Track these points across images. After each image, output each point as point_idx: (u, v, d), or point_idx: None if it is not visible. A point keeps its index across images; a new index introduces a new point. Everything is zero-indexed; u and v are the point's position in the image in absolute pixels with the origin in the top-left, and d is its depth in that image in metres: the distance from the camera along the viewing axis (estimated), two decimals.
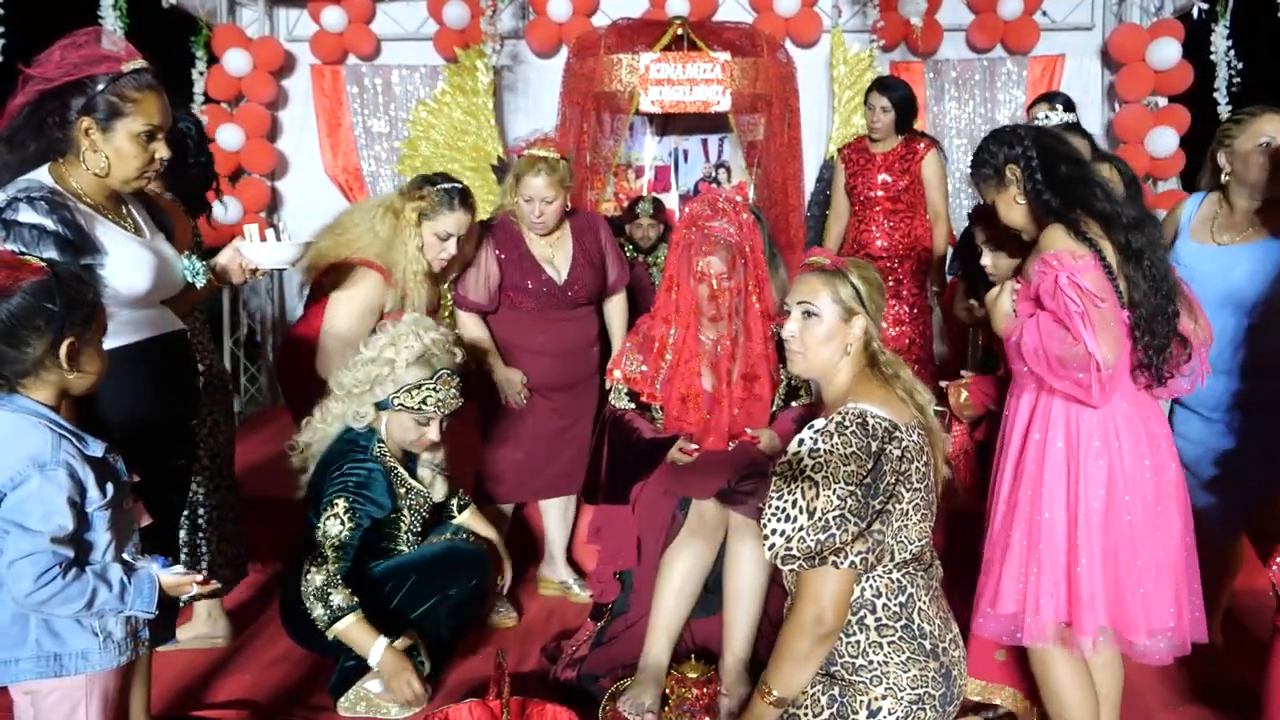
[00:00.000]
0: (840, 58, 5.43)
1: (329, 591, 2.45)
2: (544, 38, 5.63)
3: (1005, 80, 5.67)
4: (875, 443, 1.84)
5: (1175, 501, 2.11)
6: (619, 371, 2.82)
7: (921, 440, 1.92)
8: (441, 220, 2.96)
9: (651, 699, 2.52)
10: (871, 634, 1.88)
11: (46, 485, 1.66)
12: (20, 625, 1.73)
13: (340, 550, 2.49)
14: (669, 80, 4.94)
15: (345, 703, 2.67)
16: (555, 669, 2.84)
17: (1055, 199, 2.11)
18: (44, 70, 2.00)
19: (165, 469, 2.21)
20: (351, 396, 2.62)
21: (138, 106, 2.05)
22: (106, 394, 1.93)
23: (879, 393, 1.93)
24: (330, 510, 2.49)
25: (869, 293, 2.01)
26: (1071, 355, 2.00)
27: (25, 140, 2.05)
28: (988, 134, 2.32)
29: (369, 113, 5.88)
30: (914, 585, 1.90)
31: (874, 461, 1.82)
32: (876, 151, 4.31)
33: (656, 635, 2.60)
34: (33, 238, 1.89)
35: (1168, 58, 5.15)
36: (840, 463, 1.81)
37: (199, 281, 2.26)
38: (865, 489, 1.81)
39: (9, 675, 1.75)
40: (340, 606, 2.45)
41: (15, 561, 1.65)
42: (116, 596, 1.74)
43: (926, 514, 1.93)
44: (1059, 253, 2.04)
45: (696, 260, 2.63)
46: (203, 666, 2.93)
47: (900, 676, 1.86)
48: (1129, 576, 2.05)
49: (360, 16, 5.74)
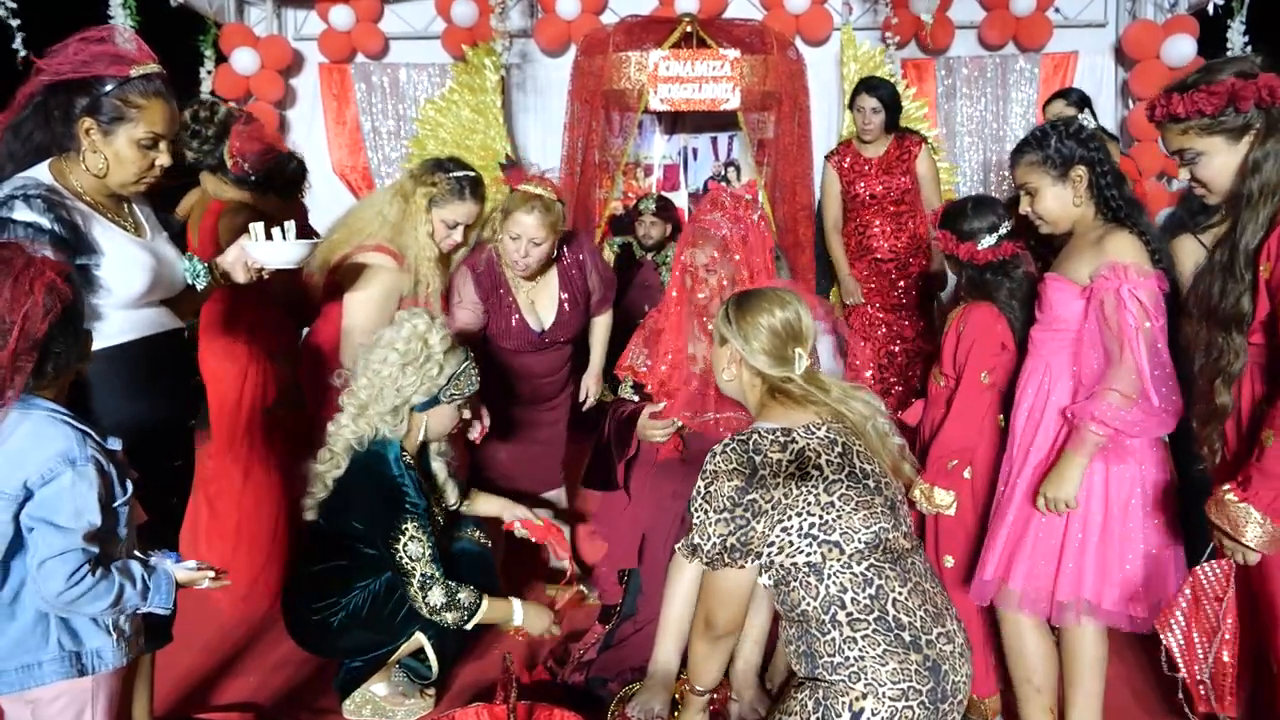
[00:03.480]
0: (850, 55, 5.39)
1: (452, 599, 2.45)
2: (553, 36, 5.60)
3: (1017, 78, 5.62)
4: (755, 455, 1.92)
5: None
6: (626, 365, 2.80)
7: (832, 433, 1.96)
8: (451, 209, 2.91)
9: (661, 703, 2.49)
10: (845, 629, 1.85)
11: (79, 481, 1.64)
12: (42, 627, 1.71)
13: (433, 560, 2.46)
14: (678, 78, 4.91)
15: (351, 705, 2.65)
16: (563, 672, 2.82)
17: (1123, 211, 2.21)
18: (56, 63, 1.99)
19: (164, 468, 2.20)
20: (392, 410, 2.50)
21: (141, 113, 2.03)
22: (104, 393, 1.91)
23: (779, 411, 2.02)
24: (405, 536, 2.43)
25: (739, 321, 2.05)
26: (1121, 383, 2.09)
27: (31, 132, 2.04)
28: (1055, 123, 2.35)
29: (377, 111, 5.87)
30: (883, 577, 1.88)
31: (749, 470, 1.91)
32: (871, 155, 4.31)
33: (666, 639, 2.56)
34: (28, 236, 1.87)
35: (1182, 54, 5.09)
36: (725, 478, 1.92)
37: (199, 283, 2.24)
38: (740, 492, 1.90)
39: (33, 679, 1.72)
40: (472, 603, 2.46)
41: (46, 561, 1.62)
42: (139, 594, 1.73)
43: (868, 501, 1.92)
44: (1129, 265, 2.12)
45: (683, 252, 2.62)
46: (206, 669, 2.91)
47: (879, 671, 1.82)
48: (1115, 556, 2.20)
49: (368, 15, 5.72)
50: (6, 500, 1.62)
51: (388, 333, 2.54)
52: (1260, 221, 1.86)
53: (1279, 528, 1.80)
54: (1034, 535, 2.25)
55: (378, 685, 2.65)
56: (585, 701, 2.63)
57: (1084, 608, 2.23)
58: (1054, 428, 2.28)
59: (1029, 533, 2.27)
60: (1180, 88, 1.93)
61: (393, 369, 2.48)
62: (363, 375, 2.51)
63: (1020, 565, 2.27)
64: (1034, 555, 2.26)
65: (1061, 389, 2.27)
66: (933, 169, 4.32)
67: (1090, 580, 2.22)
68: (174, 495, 2.33)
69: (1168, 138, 2.00)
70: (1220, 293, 1.92)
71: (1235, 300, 1.89)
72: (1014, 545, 2.30)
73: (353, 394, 2.52)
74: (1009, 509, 2.32)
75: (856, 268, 4.42)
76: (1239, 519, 1.83)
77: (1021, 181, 2.33)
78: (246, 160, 3.12)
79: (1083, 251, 2.23)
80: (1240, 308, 1.89)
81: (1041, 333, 2.33)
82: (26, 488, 1.62)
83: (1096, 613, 2.23)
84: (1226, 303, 1.91)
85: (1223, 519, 1.86)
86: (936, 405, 2.63)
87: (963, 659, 1.91)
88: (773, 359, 2.00)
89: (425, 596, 2.44)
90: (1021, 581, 2.28)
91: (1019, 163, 2.32)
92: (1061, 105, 4.11)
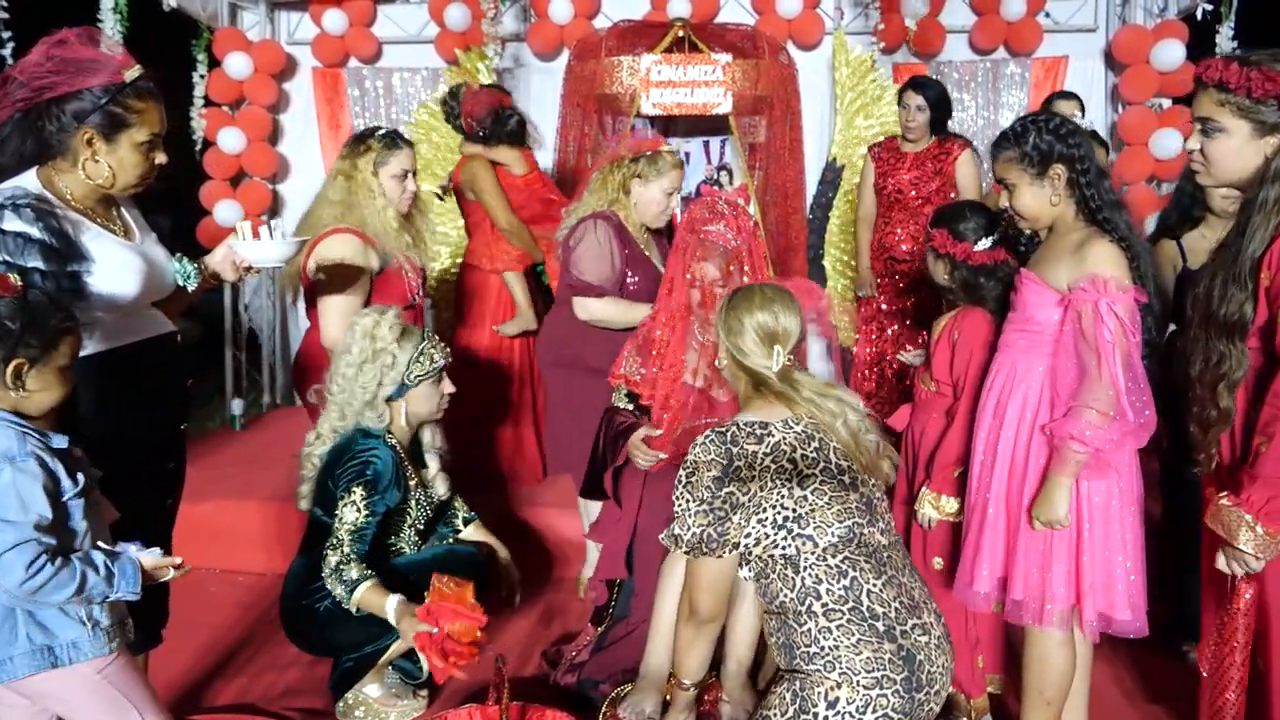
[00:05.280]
0: (842, 60, 5.41)
1: (343, 568, 2.46)
2: (545, 40, 5.61)
3: (1008, 82, 5.64)
4: (732, 446, 1.99)
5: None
6: (620, 373, 2.80)
7: (809, 429, 2.01)
8: (395, 160, 3.04)
9: (653, 705, 2.50)
10: (820, 619, 1.91)
11: (20, 475, 1.67)
12: (9, 624, 1.75)
13: (356, 534, 2.50)
14: (670, 82, 4.92)
15: (343, 706, 2.66)
16: (555, 674, 2.83)
17: (1102, 213, 2.19)
18: (28, 72, 1.96)
19: (156, 472, 2.20)
20: (367, 405, 2.60)
21: (141, 117, 2.04)
22: (97, 398, 1.92)
23: (761, 404, 2.08)
24: (348, 498, 2.50)
25: (726, 314, 2.13)
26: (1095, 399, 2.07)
27: (18, 145, 2.02)
28: (1036, 115, 2.31)
29: (370, 116, 5.86)
30: (857, 569, 1.93)
31: (726, 460, 1.98)
32: (908, 151, 4.26)
33: (658, 641, 2.57)
34: (17, 246, 1.87)
35: (1172, 59, 5.11)
36: (704, 469, 1.99)
37: (190, 285, 2.25)
38: (717, 484, 1.97)
39: (5, 674, 1.75)
40: (355, 578, 2.46)
41: (3, 554, 1.65)
42: (104, 580, 1.75)
43: (842, 496, 1.97)
44: (1110, 279, 2.10)
45: (691, 264, 2.61)
46: (201, 670, 2.92)
47: (853, 660, 1.87)
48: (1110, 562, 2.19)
49: (361, 19, 5.73)
50: None
51: (345, 337, 2.66)
52: (1270, 229, 1.83)
53: (1271, 532, 1.81)
54: (1022, 544, 2.23)
55: (371, 686, 2.66)
56: (577, 703, 2.64)
57: (1071, 614, 2.22)
58: (1018, 429, 2.25)
59: (1018, 542, 2.24)
60: (1243, 60, 1.87)
61: (351, 369, 2.59)
62: (333, 382, 2.64)
63: (1017, 574, 2.24)
64: (1025, 563, 2.24)
65: (1028, 392, 2.24)
66: (975, 175, 4.19)
67: (1076, 586, 2.21)
68: (169, 497, 2.34)
69: (1202, 101, 1.93)
70: (1221, 298, 1.89)
71: (1238, 307, 1.87)
72: (1009, 556, 2.26)
73: (331, 400, 2.65)
74: (985, 515, 2.29)
75: (873, 265, 4.42)
76: (1232, 525, 1.83)
77: (1000, 177, 2.31)
78: (474, 119, 4.09)
79: (1062, 255, 2.20)
80: (1244, 314, 1.86)
81: (1013, 332, 2.29)
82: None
83: (1082, 619, 2.21)
84: (1228, 309, 1.88)
85: (1218, 525, 1.87)
86: (925, 410, 2.64)
87: (939, 650, 1.94)
88: (751, 353, 2.07)
89: (326, 556, 2.48)
90: (1021, 590, 2.24)
91: (998, 158, 2.30)
92: (1069, 106, 4.07)
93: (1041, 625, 2.20)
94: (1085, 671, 2.35)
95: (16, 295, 1.69)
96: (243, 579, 3.63)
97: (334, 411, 2.64)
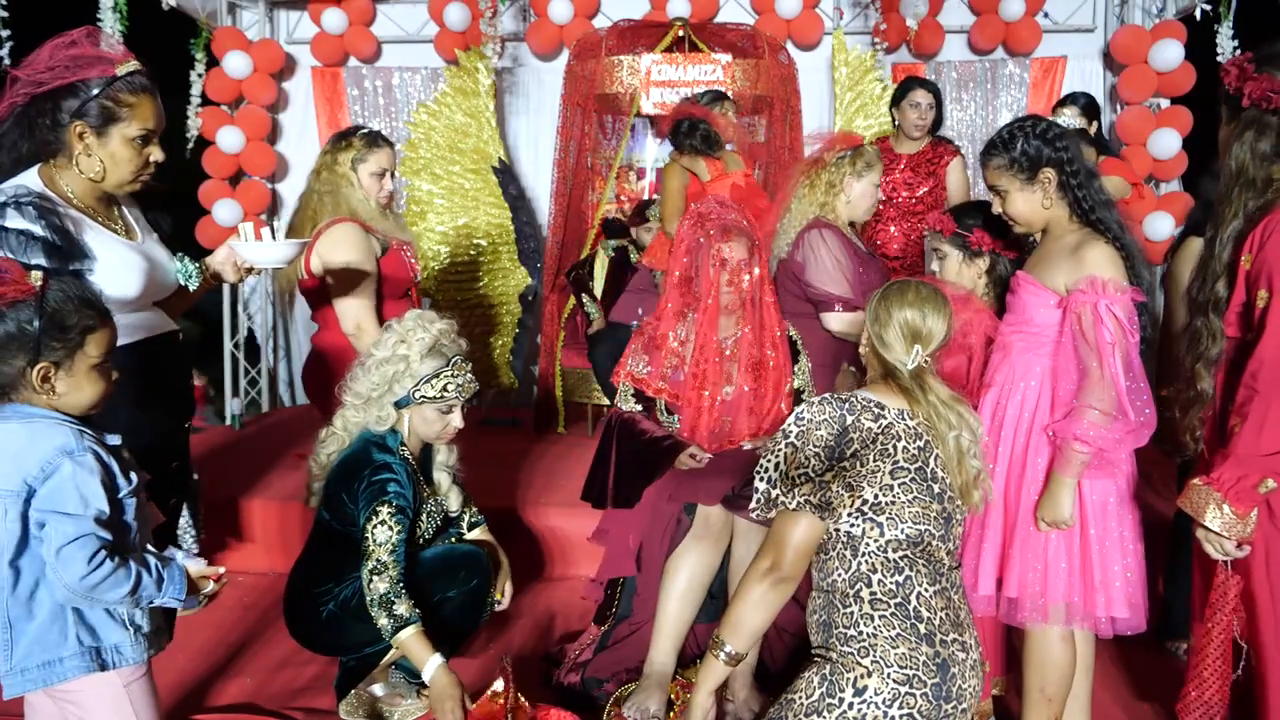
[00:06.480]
0: (842, 60, 5.41)
1: (393, 600, 2.43)
2: (545, 40, 5.62)
3: (1007, 82, 5.67)
4: (849, 415, 1.95)
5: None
6: (626, 371, 2.80)
7: (920, 429, 1.98)
8: (374, 158, 3.08)
9: (656, 704, 2.50)
10: (865, 605, 1.90)
11: (79, 470, 1.65)
12: (60, 624, 1.72)
13: (394, 552, 2.47)
14: (670, 82, 4.93)
15: (347, 706, 2.65)
16: (559, 673, 2.82)
17: (1095, 213, 2.21)
18: (33, 70, 1.97)
19: (162, 472, 2.20)
20: (370, 402, 2.57)
21: (133, 111, 2.03)
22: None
23: (884, 390, 2.04)
24: (376, 519, 2.45)
25: (879, 301, 2.09)
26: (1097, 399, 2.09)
27: (16, 142, 2.03)
28: (1023, 120, 2.31)
29: (369, 115, 5.87)
30: (913, 569, 1.92)
31: (840, 427, 1.94)
32: (902, 152, 4.28)
33: (661, 640, 2.58)
34: (20, 244, 1.87)
35: (1170, 59, 5.13)
36: (814, 426, 1.95)
37: (191, 284, 2.25)
38: (829, 450, 1.94)
39: (55, 675, 1.72)
40: (404, 616, 2.42)
41: (63, 547, 1.62)
42: (155, 583, 1.73)
43: (925, 501, 1.94)
44: (1108, 281, 2.12)
45: (718, 247, 2.60)
46: (204, 669, 2.92)
47: (888, 652, 1.86)
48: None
49: (361, 19, 5.73)
50: (10, 499, 1.63)
51: (383, 332, 2.63)
52: (1235, 212, 1.90)
53: (1237, 511, 1.83)
54: (1020, 543, 2.25)
55: (375, 686, 2.66)
56: (581, 702, 2.63)
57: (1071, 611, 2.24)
58: (1016, 429, 2.27)
59: (1015, 541, 2.26)
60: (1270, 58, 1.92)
61: (372, 362, 2.58)
62: (354, 372, 2.62)
63: (1012, 572, 2.27)
64: (1023, 562, 2.25)
65: (1026, 392, 2.25)
66: (964, 182, 4.24)
67: (1077, 584, 2.23)
68: (173, 497, 2.34)
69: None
70: (1202, 279, 1.97)
71: (1212, 283, 1.94)
72: (1005, 555, 2.29)
73: (348, 391, 2.61)
74: (986, 517, 2.29)
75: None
76: (1200, 503, 1.88)
77: (991, 184, 2.32)
78: (665, 131, 4.18)
79: (1058, 257, 2.22)
80: (1216, 291, 1.93)
81: (1011, 333, 2.30)
82: (28, 484, 1.63)
83: (1083, 617, 2.23)
84: (1206, 287, 1.95)
85: (1187, 505, 1.91)
86: None
87: (974, 672, 1.94)
88: (892, 346, 2.04)
89: (372, 582, 2.44)
90: (1017, 588, 2.26)
91: (987, 165, 2.32)
92: (1072, 112, 4.10)
93: (1045, 622, 2.22)
94: (1087, 670, 2.35)
95: (33, 295, 1.64)
96: (244, 579, 3.62)
97: (353, 402, 2.61)
